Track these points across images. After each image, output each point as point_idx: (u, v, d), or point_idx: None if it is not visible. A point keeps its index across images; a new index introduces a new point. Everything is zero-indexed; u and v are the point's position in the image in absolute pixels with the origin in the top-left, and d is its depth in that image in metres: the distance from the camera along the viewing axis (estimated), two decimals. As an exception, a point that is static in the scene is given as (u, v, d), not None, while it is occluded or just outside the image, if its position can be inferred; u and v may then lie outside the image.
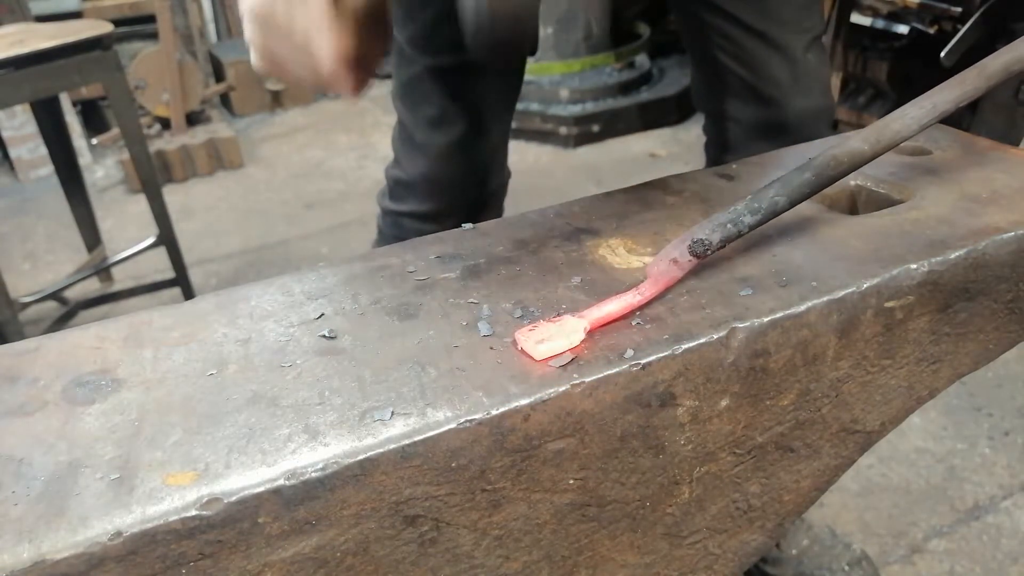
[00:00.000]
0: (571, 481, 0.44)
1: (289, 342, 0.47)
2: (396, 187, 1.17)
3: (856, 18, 2.36)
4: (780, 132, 1.06)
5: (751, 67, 1.04)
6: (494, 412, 0.40)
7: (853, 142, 0.52)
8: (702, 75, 1.14)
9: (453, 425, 0.39)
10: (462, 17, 0.49)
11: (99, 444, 0.39)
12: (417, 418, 0.40)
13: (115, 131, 3.30)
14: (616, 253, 0.54)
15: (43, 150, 2.65)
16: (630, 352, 0.43)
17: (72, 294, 2.20)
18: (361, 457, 0.38)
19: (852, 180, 0.64)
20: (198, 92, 3.44)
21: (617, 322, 0.46)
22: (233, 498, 0.36)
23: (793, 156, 0.69)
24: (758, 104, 1.06)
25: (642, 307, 0.47)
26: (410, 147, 1.12)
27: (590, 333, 0.45)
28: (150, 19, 3.31)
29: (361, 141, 3.36)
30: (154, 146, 3.07)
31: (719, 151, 1.17)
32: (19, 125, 3.19)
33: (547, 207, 0.63)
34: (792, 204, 0.50)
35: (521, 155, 3.11)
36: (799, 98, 1.05)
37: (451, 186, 1.14)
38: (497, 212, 1.26)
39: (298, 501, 0.37)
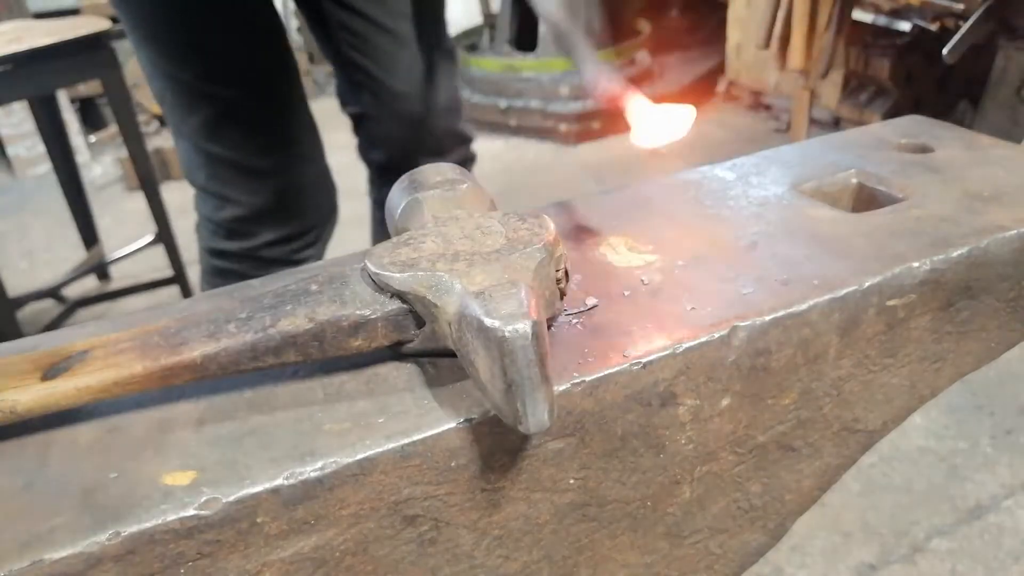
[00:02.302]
0: (571, 481, 0.43)
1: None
2: (239, 225, 1.10)
3: (858, 15, 2.36)
4: (418, 125, 1.12)
5: (381, 64, 1.08)
6: (494, 411, 0.39)
7: None
8: (340, 76, 1.18)
9: (453, 424, 0.39)
10: None
11: (97, 443, 0.39)
12: (417, 417, 0.39)
13: (113, 129, 3.30)
14: (617, 251, 0.54)
15: (41, 148, 2.65)
16: (630, 351, 0.43)
17: (70, 292, 2.19)
18: (360, 456, 0.37)
19: (853, 178, 0.64)
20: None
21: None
22: (232, 498, 0.35)
23: (791, 152, 0.69)
24: (393, 100, 1.10)
25: None
26: (245, 179, 1.08)
27: None
28: (149, 16, 3.30)
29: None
30: (152, 144, 3.07)
31: (374, 150, 1.21)
32: (17, 123, 3.19)
33: (547, 205, 0.62)
34: None
35: (521, 152, 3.11)
36: (430, 93, 1.10)
37: (305, 197, 1.14)
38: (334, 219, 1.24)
39: (297, 501, 0.36)
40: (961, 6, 1.98)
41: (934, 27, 2.23)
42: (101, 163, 3.32)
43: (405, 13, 1.06)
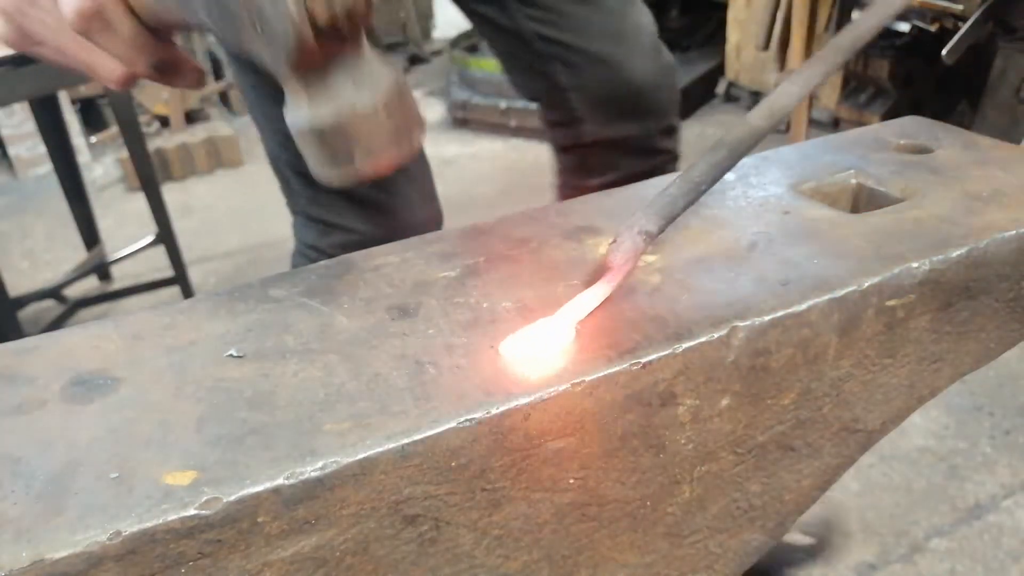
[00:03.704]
0: (571, 480, 0.43)
1: (289, 340, 0.47)
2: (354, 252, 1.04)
3: (857, 16, 2.36)
4: (625, 88, 1.02)
5: (573, 30, 0.99)
6: (494, 411, 0.40)
7: (752, 120, 0.55)
8: (521, 59, 1.07)
9: (453, 424, 0.39)
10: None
11: (98, 443, 0.39)
12: (417, 417, 0.39)
13: (114, 129, 3.30)
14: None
15: (42, 148, 2.65)
16: (630, 351, 0.43)
17: (71, 292, 2.19)
18: (360, 456, 0.37)
19: (853, 179, 0.64)
20: (197, 90, 3.44)
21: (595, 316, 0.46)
22: (232, 497, 0.35)
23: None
24: (593, 66, 1.01)
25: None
26: (351, 204, 1.01)
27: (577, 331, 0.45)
28: (149, 17, 3.30)
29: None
30: (153, 144, 3.07)
31: (570, 132, 1.09)
32: (18, 123, 3.19)
33: (547, 205, 0.63)
34: (714, 182, 0.54)
35: (521, 153, 3.11)
36: (632, 52, 1.01)
37: (415, 219, 1.06)
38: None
39: (297, 500, 0.37)
40: (960, 7, 1.98)
41: (933, 28, 2.23)
42: (102, 163, 3.31)
43: None
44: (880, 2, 0.58)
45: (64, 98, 3.02)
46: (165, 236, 2.00)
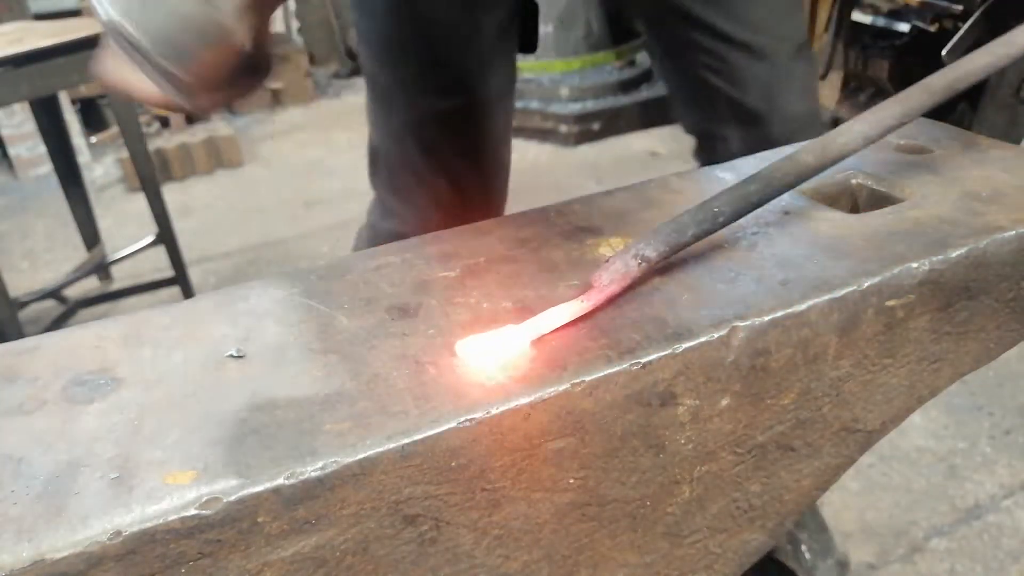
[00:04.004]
0: (571, 480, 0.43)
1: (289, 340, 0.47)
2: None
3: (857, 16, 2.36)
4: (769, 145, 1.05)
5: (735, 80, 1.00)
6: (494, 411, 0.40)
7: (800, 155, 0.52)
8: (685, 95, 1.10)
9: (453, 424, 0.39)
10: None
11: (98, 443, 0.39)
12: (417, 417, 0.39)
13: (114, 129, 3.30)
14: (616, 252, 0.54)
15: (42, 148, 2.65)
16: (630, 351, 0.43)
17: (71, 293, 2.20)
18: (360, 456, 0.37)
19: (853, 179, 0.64)
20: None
21: (565, 330, 0.45)
22: (232, 497, 0.35)
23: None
24: (746, 120, 1.03)
25: (588, 316, 0.46)
26: (422, 193, 1.08)
27: (539, 341, 0.44)
28: (150, 17, 3.30)
29: (361, 139, 3.37)
30: (153, 144, 3.08)
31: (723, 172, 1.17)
32: (18, 123, 3.19)
33: (547, 205, 0.63)
34: (737, 216, 0.51)
35: (521, 153, 3.11)
36: (781, 113, 1.02)
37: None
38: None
39: (297, 500, 0.37)
40: (960, 7, 1.99)
41: (933, 28, 2.23)
42: (102, 164, 3.32)
43: (764, 25, 0.98)
44: (995, 44, 0.52)
45: (64, 98, 3.02)
46: (165, 236, 2.00)
